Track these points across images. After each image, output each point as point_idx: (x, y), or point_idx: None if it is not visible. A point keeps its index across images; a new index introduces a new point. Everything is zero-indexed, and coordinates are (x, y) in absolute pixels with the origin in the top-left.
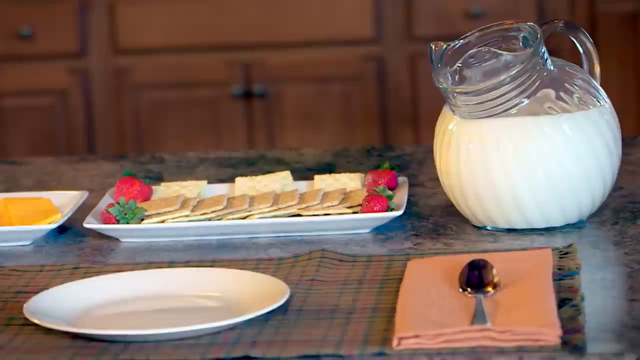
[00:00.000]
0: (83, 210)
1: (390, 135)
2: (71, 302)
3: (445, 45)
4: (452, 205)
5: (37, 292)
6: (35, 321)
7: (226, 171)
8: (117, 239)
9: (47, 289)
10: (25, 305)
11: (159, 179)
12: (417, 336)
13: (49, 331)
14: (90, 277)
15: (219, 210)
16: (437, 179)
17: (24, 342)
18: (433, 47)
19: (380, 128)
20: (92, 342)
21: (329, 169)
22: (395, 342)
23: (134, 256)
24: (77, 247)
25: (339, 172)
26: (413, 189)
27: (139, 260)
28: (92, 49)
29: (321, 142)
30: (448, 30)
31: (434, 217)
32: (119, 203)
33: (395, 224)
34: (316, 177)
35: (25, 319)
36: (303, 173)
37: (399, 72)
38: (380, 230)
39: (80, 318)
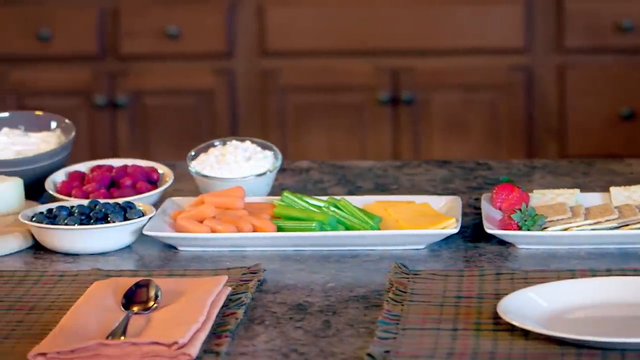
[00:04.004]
0: None
1: (536, 147)
2: (538, 305)
3: None
4: None
5: (479, 297)
6: (515, 323)
7: (563, 179)
8: (511, 245)
9: (484, 293)
10: (497, 308)
11: None
12: None
13: (525, 334)
14: (509, 282)
15: (614, 220)
16: None
17: (511, 347)
18: None
19: (526, 139)
20: (582, 349)
21: None
22: None
23: (545, 263)
24: (476, 252)
25: None
26: None
27: (554, 267)
28: (238, 50)
29: (466, 151)
30: (598, 42)
31: None
32: (520, 210)
33: None
34: None
35: (495, 322)
36: None
37: (547, 83)
38: None
39: (551, 321)
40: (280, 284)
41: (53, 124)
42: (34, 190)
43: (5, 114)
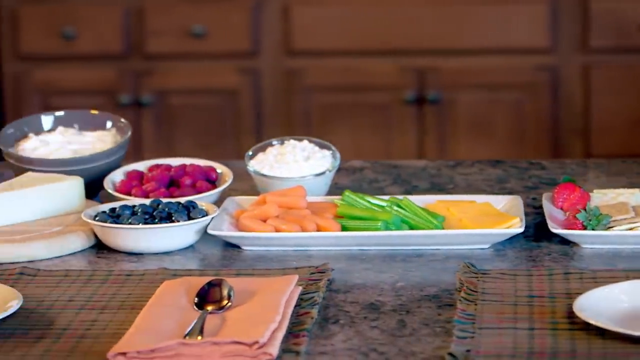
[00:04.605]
0: None
1: (561, 147)
2: (613, 304)
3: None
4: None
5: (551, 297)
6: (593, 322)
7: (617, 179)
8: (575, 244)
9: (555, 292)
10: (574, 306)
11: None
12: None
13: (602, 333)
14: (579, 281)
15: None
16: None
17: (589, 347)
18: None
19: (551, 139)
20: None
21: None
22: None
23: (611, 262)
24: (541, 252)
25: None
26: None
27: (621, 267)
28: (264, 49)
29: (491, 151)
30: (623, 42)
31: None
32: (584, 209)
33: None
34: None
35: (570, 322)
36: None
37: (572, 82)
38: None
39: (627, 320)
40: (349, 284)
41: (109, 124)
42: (90, 189)
43: (61, 113)
